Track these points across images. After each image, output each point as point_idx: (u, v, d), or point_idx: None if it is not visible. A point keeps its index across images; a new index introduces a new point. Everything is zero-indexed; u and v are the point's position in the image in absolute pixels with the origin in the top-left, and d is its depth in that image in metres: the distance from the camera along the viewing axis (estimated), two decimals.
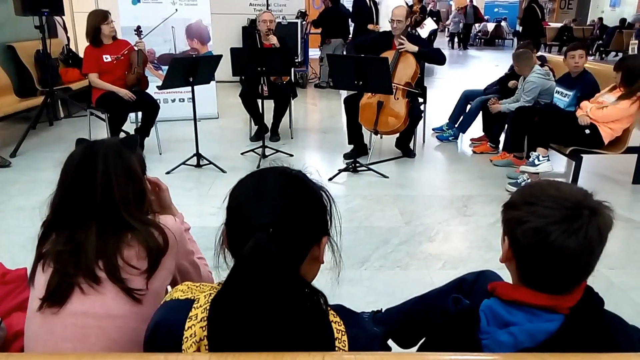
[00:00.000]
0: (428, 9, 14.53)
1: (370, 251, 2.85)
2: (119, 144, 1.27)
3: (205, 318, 0.85)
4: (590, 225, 0.90)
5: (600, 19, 17.26)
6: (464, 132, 5.23)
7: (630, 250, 2.93)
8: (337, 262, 0.93)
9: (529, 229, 0.93)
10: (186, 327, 0.85)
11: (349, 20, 8.39)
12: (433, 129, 5.42)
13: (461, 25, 17.34)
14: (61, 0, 4.87)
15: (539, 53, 5.23)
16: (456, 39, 17.81)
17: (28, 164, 4.22)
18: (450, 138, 5.24)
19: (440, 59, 4.47)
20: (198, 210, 3.29)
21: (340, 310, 0.90)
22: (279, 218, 0.82)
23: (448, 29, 18.84)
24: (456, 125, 5.24)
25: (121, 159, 1.23)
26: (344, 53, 7.81)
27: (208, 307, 0.85)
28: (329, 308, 0.88)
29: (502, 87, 5.03)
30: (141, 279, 1.15)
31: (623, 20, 15.62)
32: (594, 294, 0.98)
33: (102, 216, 1.16)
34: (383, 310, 1.64)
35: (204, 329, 0.84)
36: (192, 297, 0.90)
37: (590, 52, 15.73)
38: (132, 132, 4.76)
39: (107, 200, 1.17)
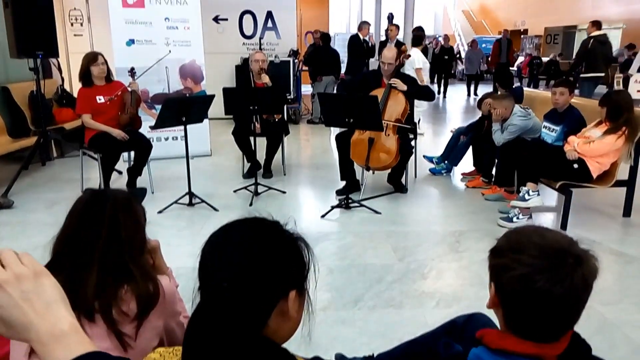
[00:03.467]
0: (439, 45, 14.18)
1: (364, 290, 2.83)
2: (128, 193, 1.35)
3: None
4: (575, 273, 0.91)
5: None
6: (455, 165, 5.29)
7: (623, 285, 2.93)
8: (309, 318, 0.92)
9: (514, 277, 0.93)
10: None
11: (339, 57, 8.65)
12: (424, 156, 5.45)
13: (484, 65, 14.17)
14: (56, 42, 4.94)
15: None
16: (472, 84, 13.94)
17: (19, 204, 4.17)
18: (443, 172, 5.30)
19: (429, 96, 4.74)
20: (190, 251, 3.27)
21: None
22: (234, 273, 0.81)
23: (460, 69, 16.11)
24: (446, 161, 5.30)
25: (129, 205, 1.29)
26: (336, 90, 7.96)
27: None
28: None
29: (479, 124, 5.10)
30: (131, 327, 1.17)
31: None
32: (581, 341, 0.98)
33: (106, 256, 1.19)
34: (375, 356, 1.62)
35: None
36: None
37: (577, 85, 16.05)
38: (124, 171, 4.77)
39: (113, 240, 1.21)
